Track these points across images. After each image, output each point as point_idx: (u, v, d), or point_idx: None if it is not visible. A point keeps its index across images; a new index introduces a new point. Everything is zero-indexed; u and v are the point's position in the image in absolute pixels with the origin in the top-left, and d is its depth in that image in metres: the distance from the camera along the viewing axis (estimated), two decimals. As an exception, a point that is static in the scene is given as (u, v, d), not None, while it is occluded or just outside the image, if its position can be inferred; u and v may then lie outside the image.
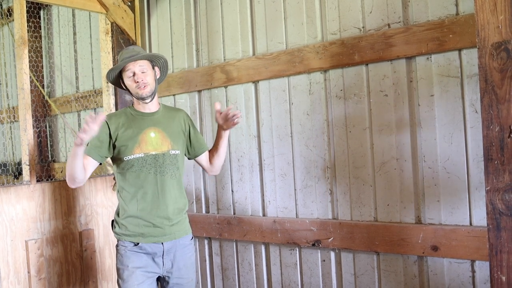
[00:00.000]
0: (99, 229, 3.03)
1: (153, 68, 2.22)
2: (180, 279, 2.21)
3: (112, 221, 2.27)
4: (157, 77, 2.26)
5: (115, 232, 2.22)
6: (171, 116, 2.28)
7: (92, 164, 2.16)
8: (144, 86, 2.14)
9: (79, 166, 2.06)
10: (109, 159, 3.23)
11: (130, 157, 2.15)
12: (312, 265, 2.63)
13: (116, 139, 2.19)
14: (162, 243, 2.16)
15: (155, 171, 2.15)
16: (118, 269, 2.19)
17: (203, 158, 2.38)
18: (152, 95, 2.19)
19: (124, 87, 2.23)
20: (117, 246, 2.22)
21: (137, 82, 2.13)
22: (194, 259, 2.31)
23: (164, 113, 2.27)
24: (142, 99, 2.17)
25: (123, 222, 2.18)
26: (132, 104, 2.27)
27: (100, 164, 2.22)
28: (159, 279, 2.25)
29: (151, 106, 2.23)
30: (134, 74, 2.14)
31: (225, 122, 2.21)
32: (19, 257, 2.61)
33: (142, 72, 2.15)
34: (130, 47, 2.25)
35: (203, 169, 2.52)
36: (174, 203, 2.19)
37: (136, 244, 2.15)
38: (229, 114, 2.16)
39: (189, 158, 2.39)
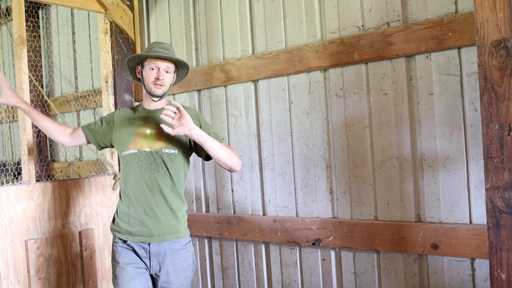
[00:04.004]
0: (99, 229, 3.03)
1: (173, 72, 2.23)
2: (168, 283, 2.13)
3: None
4: (173, 82, 2.26)
5: (110, 228, 2.25)
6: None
7: (80, 134, 2.35)
8: (161, 86, 2.14)
9: (41, 127, 2.34)
10: (109, 159, 3.24)
11: (125, 152, 2.17)
12: (312, 264, 2.63)
13: (115, 133, 2.24)
14: (149, 244, 2.12)
15: (146, 168, 2.13)
16: (112, 265, 2.21)
17: None
18: (163, 96, 2.20)
19: (137, 75, 2.24)
20: (112, 241, 2.24)
21: (157, 78, 2.13)
22: (189, 264, 2.19)
23: None
24: (152, 95, 2.17)
25: (116, 218, 2.21)
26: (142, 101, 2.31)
27: (96, 146, 2.37)
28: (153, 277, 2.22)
29: (157, 104, 2.23)
30: (158, 70, 2.14)
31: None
32: (18, 257, 2.61)
33: (166, 72, 2.16)
34: (165, 43, 2.25)
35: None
36: (165, 202, 2.13)
37: (125, 241, 2.15)
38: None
39: (206, 159, 2.19)
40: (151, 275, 2.18)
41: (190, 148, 2.20)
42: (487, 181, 1.71)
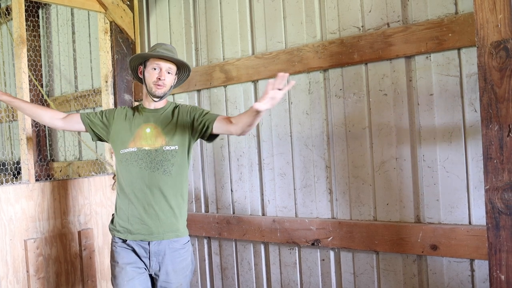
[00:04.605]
0: (98, 229, 3.03)
1: (175, 74, 2.23)
2: (168, 283, 2.15)
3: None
4: (173, 84, 2.26)
5: (109, 228, 2.25)
6: (173, 113, 2.25)
7: (76, 120, 2.29)
8: (162, 86, 2.15)
9: (30, 114, 2.33)
10: (109, 159, 3.24)
11: (124, 150, 2.18)
12: (312, 264, 2.63)
13: (114, 129, 2.24)
14: (148, 243, 2.12)
15: (146, 166, 2.14)
16: (111, 265, 2.21)
17: (219, 125, 2.11)
18: (163, 97, 2.20)
19: (139, 75, 2.24)
20: (111, 241, 2.24)
21: (159, 78, 2.13)
22: (188, 263, 2.21)
23: (168, 110, 2.26)
24: (152, 95, 2.18)
25: (116, 218, 2.21)
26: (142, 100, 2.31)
27: (93, 136, 2.34)
28: (152, 277, 2.22)
29: (157, 104, 2.24)
30: (160, 70, 2.15)
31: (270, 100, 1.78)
32: (18, 257, 2.60)
33: (168, 73, 2.16)
34: (168, 45, 2.26)
35: (231, 134, 2.15)
36: (165, 200, 2.14)
37: (125, 241, 2.15)
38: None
39: (209, 139, 2.19)
40: (150, 275, 2.18)
41: (189, 144, 2.22)
42: (487, 182, 1.71)
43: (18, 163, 2.90)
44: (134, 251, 2.14)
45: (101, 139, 2.34)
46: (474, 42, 1.96)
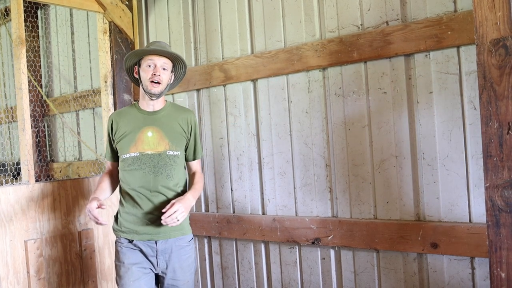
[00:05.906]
0: (99, 229, 3.03)
1: (171, 71, 2.22)
2: (175, 280, 2.18)
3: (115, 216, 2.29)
4: (170, 82, 2.25)
5: (113, 228, 2.26)
6: (174, 116, 2.25)
7: (114, 165, 2.34)
8: (158, 83, 2.14)
9: (110, 192, 2.33)
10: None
11: (126, 155, 2.17)
12: (312, 263, 2.63)
13: (116, 137, 2.24)
14: (155, 242, 2.14)
15: (149, 171, 2.14)
16: (115, 265, 2.22)
17: (189, 166, 2.37)
18: (160, 95, 2.19)
19: (135, 76, 2.23)
20: (115, 242, 2.23)
21: (154, 75, 2.12)
22: (193, 261, 2.26)
23: (168, 112, 2.25)
24: (149, 94, 2.17)
25: (120, 219, 2.21)
26: (138, 101, 2.28)
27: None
28: (158, 276, 2.24)
29: (156, 104, 2.23)
30: (155, 67, 2.13)
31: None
32: (18, 257, 2.61)
33: (163, 69, 2.15)
34: (161, 42, 2.25)
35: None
36: (169, 202, 2.14)
37: (131, 241, 2.15)
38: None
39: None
40: (156, 274, 2.19)
41: (186, 149, 2.28)
42: (487, 179, 1.71)
43: (18, 164, 2.90)
44: (141, 251, 2.15)
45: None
46: (473, 40, 1.95)
